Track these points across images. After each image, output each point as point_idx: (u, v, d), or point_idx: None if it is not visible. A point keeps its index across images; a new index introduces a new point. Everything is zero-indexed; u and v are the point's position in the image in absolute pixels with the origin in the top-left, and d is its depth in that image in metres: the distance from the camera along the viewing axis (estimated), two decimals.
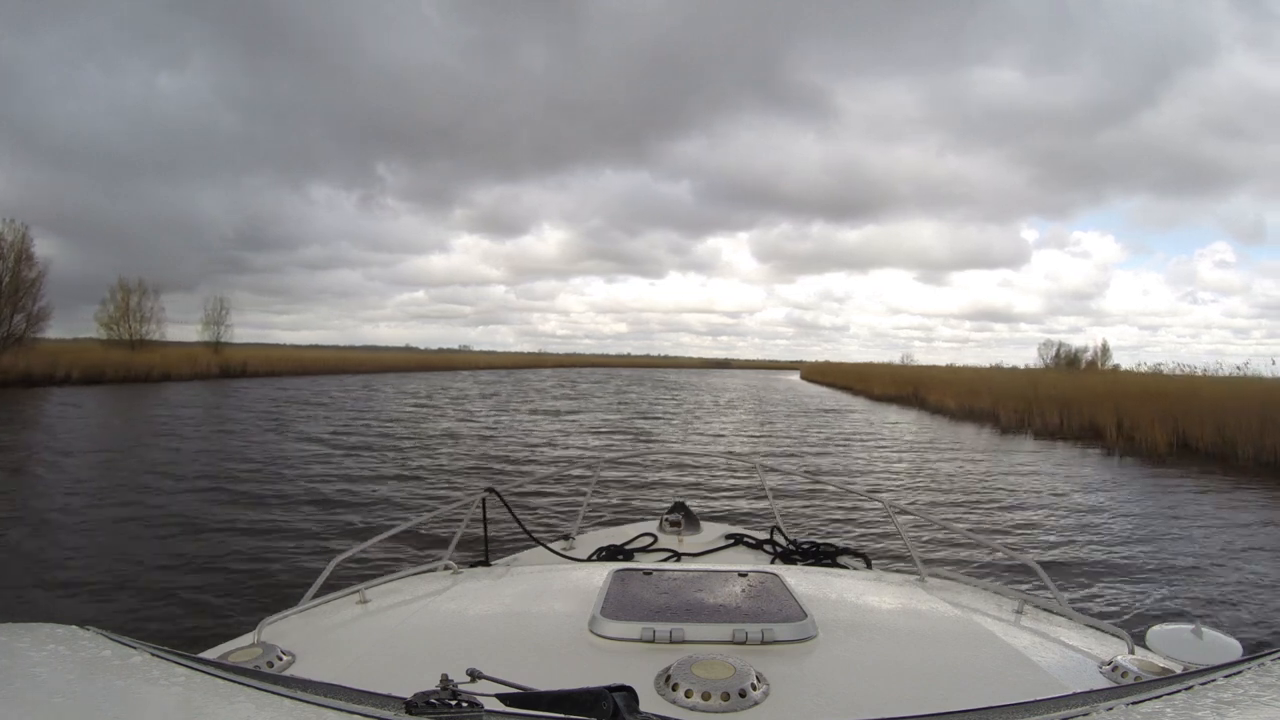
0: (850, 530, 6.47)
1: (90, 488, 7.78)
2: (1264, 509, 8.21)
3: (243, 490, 7.79)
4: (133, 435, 12.78)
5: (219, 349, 38.89)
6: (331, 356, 50.06)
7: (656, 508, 4.72)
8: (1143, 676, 0.90)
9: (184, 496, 7.41)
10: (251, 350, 43.55)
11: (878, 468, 11.02)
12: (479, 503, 1.85)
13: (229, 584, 4.71)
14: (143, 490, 7.68)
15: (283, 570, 5.01)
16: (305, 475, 8.80)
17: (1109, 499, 8.76)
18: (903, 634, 1.14)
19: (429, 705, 0.61)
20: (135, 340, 35.37)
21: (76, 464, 9.33)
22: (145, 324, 36.64)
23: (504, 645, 1.05)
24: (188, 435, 12.80)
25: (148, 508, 6.83)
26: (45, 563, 5.09)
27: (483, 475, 9.11)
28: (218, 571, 4.96)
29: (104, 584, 4.64)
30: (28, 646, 0.75)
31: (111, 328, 35.89)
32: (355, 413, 18.27)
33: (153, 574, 4.85)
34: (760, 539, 2.15)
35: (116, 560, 5.14)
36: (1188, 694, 0.66)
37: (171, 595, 4.47)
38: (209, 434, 13.13)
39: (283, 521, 6.43)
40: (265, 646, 0.99)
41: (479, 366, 73.68)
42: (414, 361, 63.65)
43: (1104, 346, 42.41)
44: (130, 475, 8.58)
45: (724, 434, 16.21)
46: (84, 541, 5.66)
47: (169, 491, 7.63)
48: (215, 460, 9.87)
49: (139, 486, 7.88)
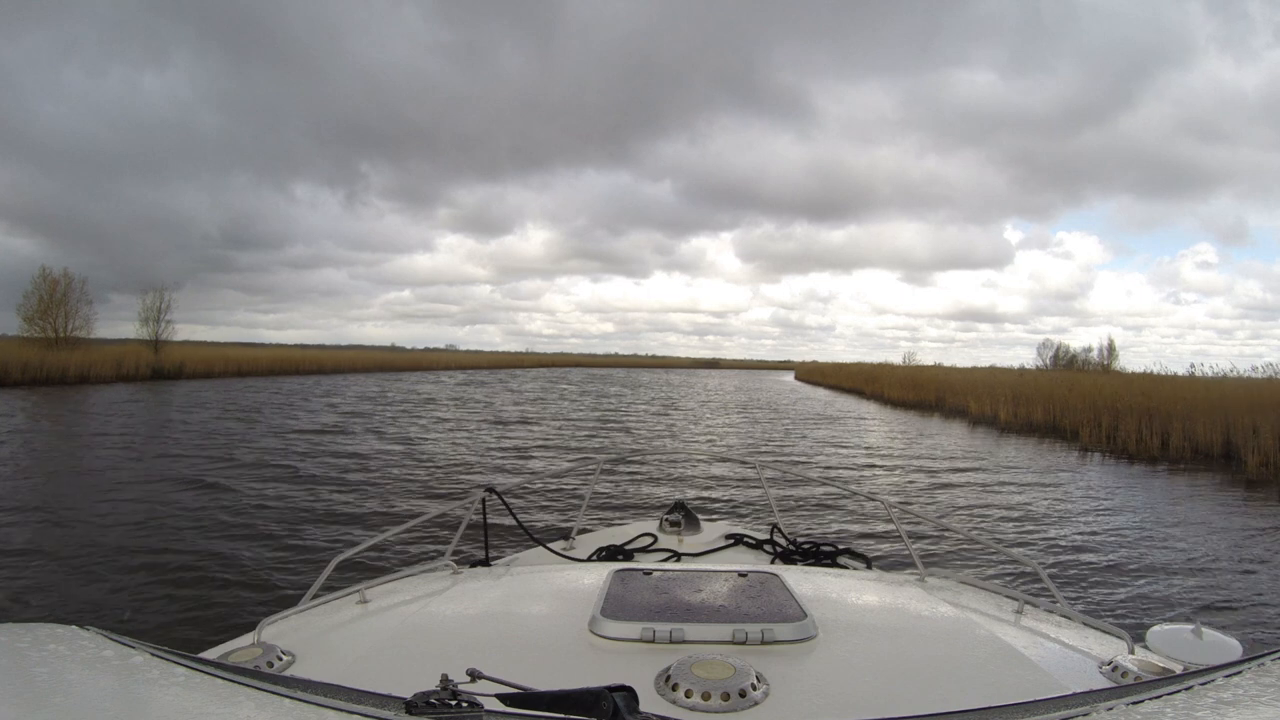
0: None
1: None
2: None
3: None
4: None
5: (159, 348, 34.31)
6: (288, 356, 44.60)
7: (656, 508, 4.72)
8: (1143, 676, 0.90)
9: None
10: (192, 350, 39.19)
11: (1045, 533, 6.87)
12: (479, 503, 1.85)
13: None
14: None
15: None
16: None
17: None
18: (903, 634, 1.14)
19: (429, 705, 0.61)
20: (60, 338, 30.89)
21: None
22: (72, 319, 32.01)
23: (504, 645, 1.05)
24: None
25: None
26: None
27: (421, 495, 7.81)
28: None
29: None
30: (28, 646, 0.75)
31: (33, 323, 31.17)
32: (239, 427, 13.76)
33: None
34: (760, 539, 2.15)
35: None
36: (1188, 694, 0.66)
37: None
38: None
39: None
40: (265, 647, 0.99)
41: (458, 366, 69.34)
42: (380, 361, 56.78)
43: (1111, 345, 40.50)
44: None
45: (732, 445, 13.66)
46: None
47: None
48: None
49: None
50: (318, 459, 10.20)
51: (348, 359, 51.89)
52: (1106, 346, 41.43)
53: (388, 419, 16.55)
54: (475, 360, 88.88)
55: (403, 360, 66.02)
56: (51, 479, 8.49)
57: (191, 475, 8.63)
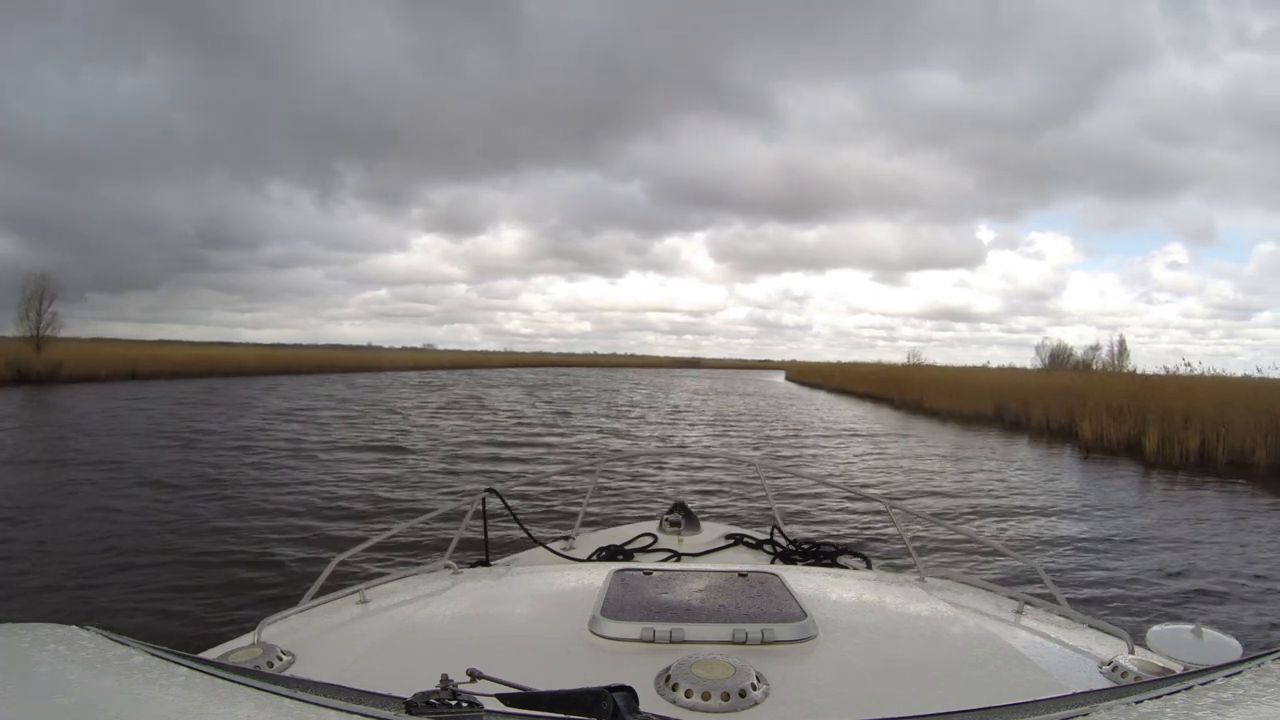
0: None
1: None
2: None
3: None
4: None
5: (40, 345, 29.03)
6: (202, 356, 38.12)
7: (656, 508, 4.72)
8: (1143, 676, 0.90)
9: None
10: (81, 347, 33.61)
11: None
12: (479, 503, 1.85)
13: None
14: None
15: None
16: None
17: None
18: (903, 634, 1.14)
19: (429, 705, 0.61)
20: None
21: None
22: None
23: (504, 645, 1.05)
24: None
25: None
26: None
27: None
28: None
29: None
30: (28, 646, 0.75)
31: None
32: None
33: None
34: (760, 539, 2.15)
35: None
36: (1188, 694, 0.66)
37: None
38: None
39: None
40: (265, 647, 0.99)
41: (423, 366, 61.94)
42: (323, 361, 48.07)
43: (1123, 344, 37.16)
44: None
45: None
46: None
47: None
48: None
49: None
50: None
51: (278, 359, 43.90)
52: (1117, 345, 37.78)
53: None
54: (455, 360, 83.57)
55: (353, 360, 56.70)
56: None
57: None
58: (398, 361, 67.01)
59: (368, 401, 22.58)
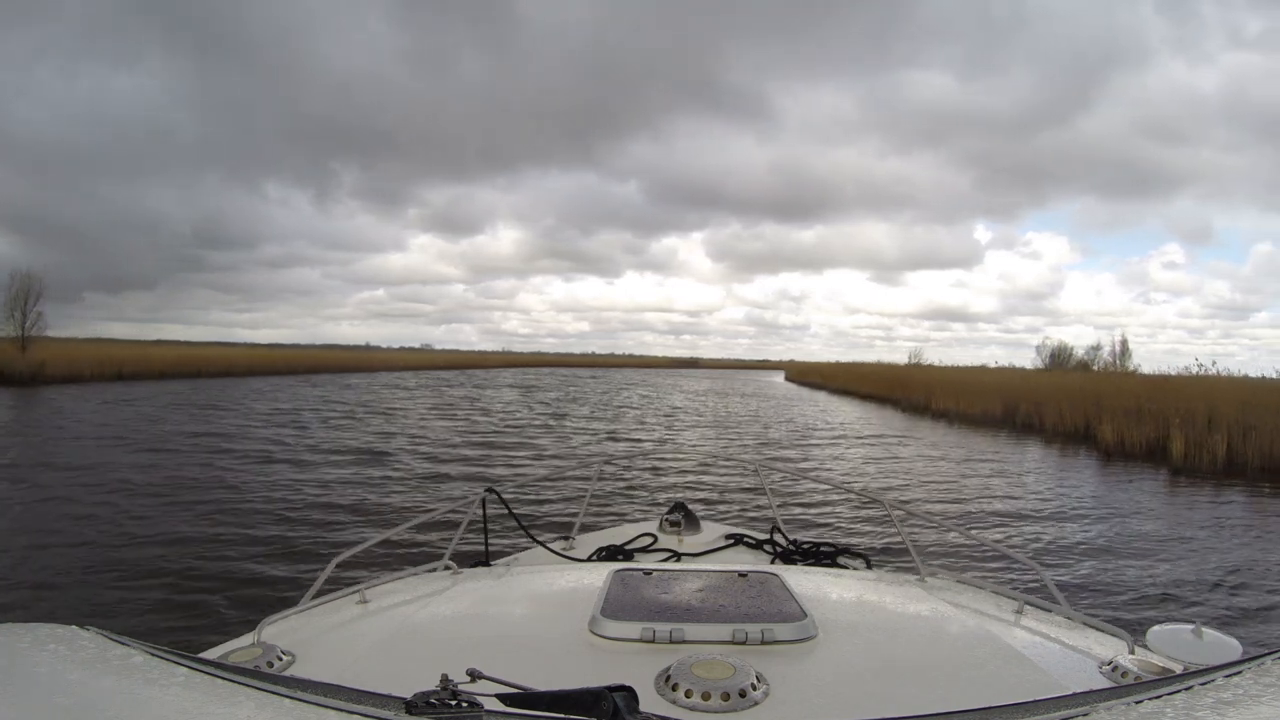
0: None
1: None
2: None
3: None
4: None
5: (25, 345, 28.20)
6: (192, 356, 37.08)
7: (656, 508, 4.72)
8: (1143, 676, 0.90)
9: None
10: (66, 347, 32.64)
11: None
12: (479, 503, 1.85)
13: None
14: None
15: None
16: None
17: None
18: (903, 634, 1.14)
19: (429, 705, 0.61)
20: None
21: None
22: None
23: (504, 645, 1.05)
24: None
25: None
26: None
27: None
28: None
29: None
30: (28, 646, 0.75)
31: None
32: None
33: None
34: (760, 539, 2.15)
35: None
36: (1188, 694, 0.66)
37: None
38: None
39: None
40: (265, 647, 0.99)
41: (420, 366, 60.64)
42: (317, 361, 47.07)
43: (1124, 344, 36.23)
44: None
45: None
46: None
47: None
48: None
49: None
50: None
51: (270, 359, 42.95)
52: (1119, 345, 36.93)
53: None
54: (452, 359, 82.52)
55: (349, 360, 55.11)
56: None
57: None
58: (394, 362, 65.90)
59: (366, 401, 22.56)
